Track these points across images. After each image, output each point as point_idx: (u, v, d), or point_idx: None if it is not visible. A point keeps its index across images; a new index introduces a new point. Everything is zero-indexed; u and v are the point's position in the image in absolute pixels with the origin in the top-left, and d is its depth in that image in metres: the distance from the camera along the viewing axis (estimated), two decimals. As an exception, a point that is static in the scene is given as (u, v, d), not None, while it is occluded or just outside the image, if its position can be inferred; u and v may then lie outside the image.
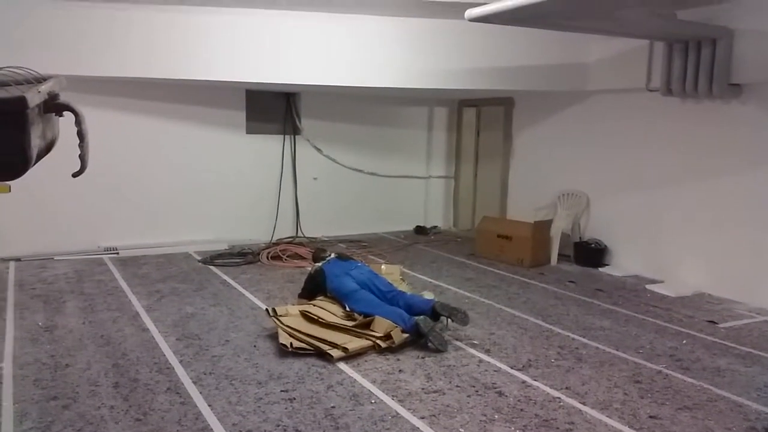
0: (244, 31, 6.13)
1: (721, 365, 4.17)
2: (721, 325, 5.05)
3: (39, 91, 2.49)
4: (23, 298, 5.26)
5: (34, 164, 2.59)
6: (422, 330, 4.25)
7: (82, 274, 6.11)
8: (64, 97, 2.84)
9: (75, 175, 2.83)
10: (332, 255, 5.38)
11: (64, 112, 2.81)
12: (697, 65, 5.76)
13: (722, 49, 5.55)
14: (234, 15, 6.07)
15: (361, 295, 4.72)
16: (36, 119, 2.51)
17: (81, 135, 2.78)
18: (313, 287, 5.12)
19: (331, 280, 4.94)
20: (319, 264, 5.20)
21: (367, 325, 4.37)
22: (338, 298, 4.84)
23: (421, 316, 4.34)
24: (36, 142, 2.51)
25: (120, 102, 6.96)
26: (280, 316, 4.49)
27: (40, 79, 2.71)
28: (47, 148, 2.79)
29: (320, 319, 4.47)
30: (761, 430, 3.27)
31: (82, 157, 2.82)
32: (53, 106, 2.72)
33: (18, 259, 6.53)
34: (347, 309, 4.68)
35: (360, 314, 4.56)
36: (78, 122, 2.76)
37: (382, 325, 4.31)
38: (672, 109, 6.34)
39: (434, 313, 4.46)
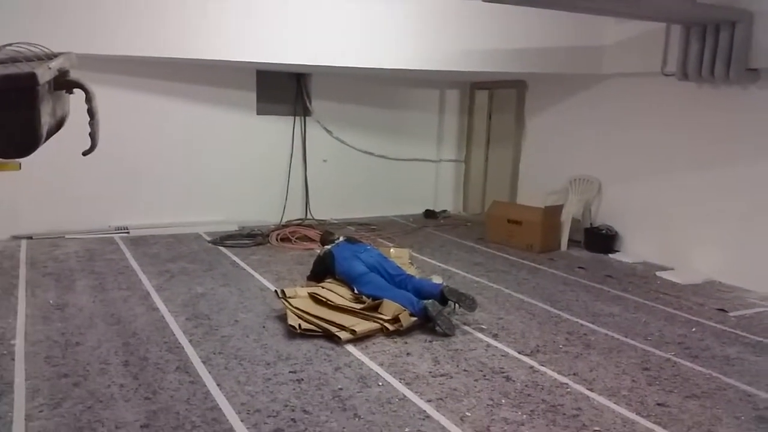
0: (255, 11, 6.07)
1: (730, 354, 4.15)
2: (731, 314, 5.02)
3: (49, 68, 2.47)
4: (35, 276, 5.31)
5: (45, 142, 2.58)
6: (430, 314, 4.25)
7: (93, 253, 6.15)
8: (74, 74, 2.82)
9: (85, 153, 2.81)
10: (341, 238, 5.38)
11: (75, 90, 2.79)
12: (715, 49, 5.66)
13: (741, 32, 5.44)
14: (245, -6, 6.01)
15: (370, 278, 4.72)
16: (46, 96, 2.49)
17: (91, 113, 2.76)
18: (322, 270, 5.13)
19: (340, 263, 4.94)
20: (328, 247, 5.20)
21: (375, 308, 4.37)
22: (347, 281, 4.85)
23: (430, 300, 4.34)
24: (46, 119, 2.49)
25: (131, 81, 6.94)
26: (289, 297, 4.50)
27: (51, 56, 2.69)
28: (57, 126, 2.78)
29: (329, 302, 4.48)
30: (770, 420, 3.25)
31: (93, 135, 2.81)
32: (63, 83, 2.70)
33: (30, 237, 6.58)
34: (356, 292, 4.69)
35: (368, 297, 4.57)
36: (88, 99, 2.74)
37: (390, 307, 4.31)
38: (687, 94, 6.24)
39: (442, 298, 4.46)
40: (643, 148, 6.78)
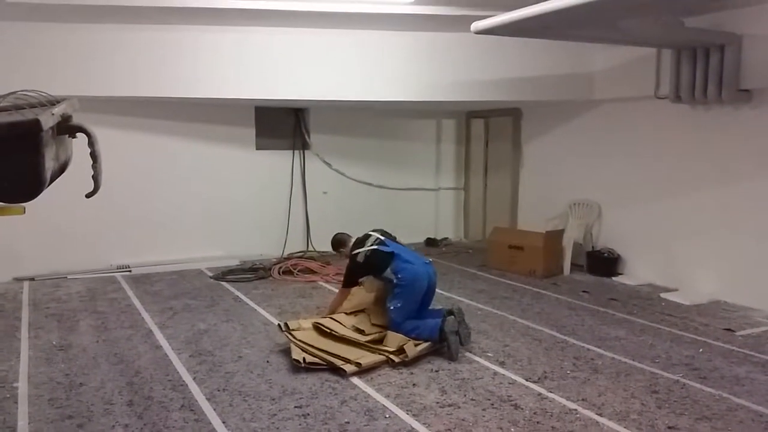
0: (252, 48, 6.19)
1: (739, 374, 4.11)
2: (738, 333, 4.99)
3: (53, 114, 2.52)
4: (37, 318, 5.29)
5: (49, 185, 2.62)
6: (446, 330, 4.21)
7: (95, 292, 6.14)
8: (77, 119, 2.87)
9: (89, 195, 2.84)
10: (375, 234, 4.76)
11: (78, 134, 2.83)
12: (706, 72, 5.74)
13: (731, 54, 5.53)
14: (242, 33, 6.13)
15: (412, 307, 4.43)
16: (50, 141, 2.54)
17: (94, 156, 2.81)
18: (366, 272, 4.67)
19: (405, 267, 4.46)
20: (374, 247, 4.65)
21: (380, 341, 4.35)
22: (401, 286, 4.43)
23: (450, 317, 4.31)
24: (50, 164, 2.53)
25: (130, 121, 7.02)
26: (293, 330, 4.48)
27: (54, 102, 2.74)
28: (61, 170, 2.82)
29: (333, 332, 4.44)
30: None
31: (96, 178, 2.84)
32: (66, 128, 2.75)
33: (32, 279, 6.57)
34: (391, 302, 4.44)
35: (391, 320, 4.43)
36: (91, 143, 2.78)
37: (394, 339, 4.29)
38: (681, 116, 6.31)
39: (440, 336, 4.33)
40: (640, 170, 6.82)
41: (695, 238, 6.26)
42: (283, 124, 8.09)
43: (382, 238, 4.77)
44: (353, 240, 4.98)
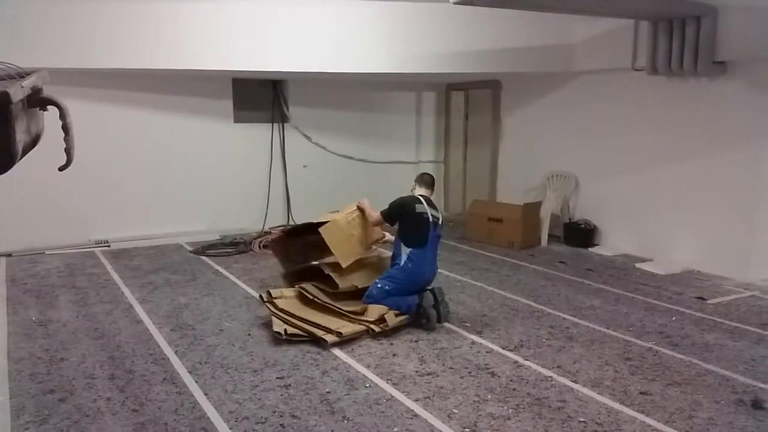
0: (230, 19, 6.08)
1: (709, 340, 4.24)
2: (709, 301, 5.13)
3: (22, 86, 2.47)
4: (16, 294, 5.25)
5: (20, 159, 2.58)
6: (423, 305, 4.33)
7: (74, 267, 6.09)
8: (47, 91, 2.82)
9: (61, 168, 2.82)
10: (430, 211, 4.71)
11: (49, 106, 2.79)
12: (682, 43, 5.78)
13: (706, 26, 5.57)
14: (219, 3, 6.02)
15: (397, 293, 4.49)
16: (20, 114, 2.49)
17: (66, 129, 2.77)
18: (400, 215, 4.70)
19: (420, 258, 4.55)
20: (429, 218, 4.66)
21: (362, 312, 4.40)
22: (403, 273, 4.54)
23: (428, 292, 4.42)
24: (21, 137, 2.50)
25: (108, 94, 6.90)
26: (275, 298, 4.51)
27: (23, 74, 2.69)
28: (33, 143, 2.78)
29: (316, 299, 4.47)
30: (748, 403, 3.33)
31: (68, 151, 2.81)
32: (37, 101, 2.71)
33: (9, 255, 6.50)
34: (382, 281, 4.51)
35: (371, 296, 4.48)
36: (62, 116, 2.74)
37: (374, 310, 4.35)
38: (658, 88, 6.37)
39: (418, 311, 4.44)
40: (617, 142, 6.89)
41: (670, 210, 6.37)
42: (261, 97, 8.00)
43: (432, 217, 4.70)
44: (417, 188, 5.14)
